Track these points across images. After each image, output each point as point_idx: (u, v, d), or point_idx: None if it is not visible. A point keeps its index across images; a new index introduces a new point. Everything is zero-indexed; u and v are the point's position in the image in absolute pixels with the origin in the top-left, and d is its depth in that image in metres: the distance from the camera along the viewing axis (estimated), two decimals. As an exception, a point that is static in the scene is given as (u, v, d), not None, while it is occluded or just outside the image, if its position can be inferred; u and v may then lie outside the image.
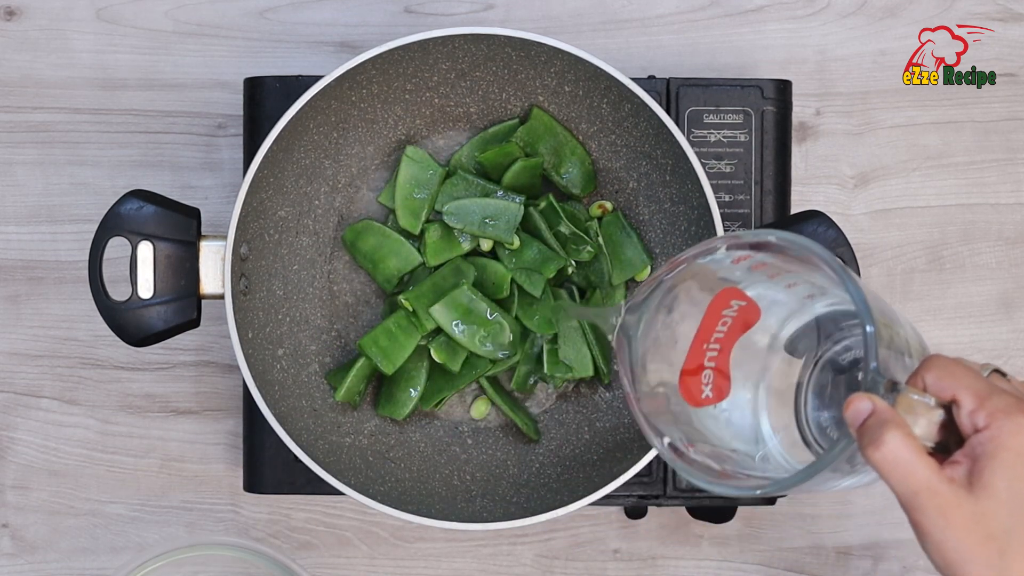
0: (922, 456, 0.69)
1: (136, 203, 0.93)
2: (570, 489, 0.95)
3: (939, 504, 0.69)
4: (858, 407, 0.70)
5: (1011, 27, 1.09)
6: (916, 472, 0.69)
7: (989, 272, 1.09)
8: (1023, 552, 0.70)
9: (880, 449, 0.69)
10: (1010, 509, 0.69)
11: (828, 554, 1.09)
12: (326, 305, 1.02)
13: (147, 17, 1.08)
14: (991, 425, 0.70)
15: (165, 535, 1.08)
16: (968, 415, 0.71)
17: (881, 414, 0.69)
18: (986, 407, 0.70)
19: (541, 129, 1.00)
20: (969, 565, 0.70)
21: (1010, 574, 0.70)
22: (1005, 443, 0.69)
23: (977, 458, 0.70)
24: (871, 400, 0.70)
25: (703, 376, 0.78)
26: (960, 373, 0.71)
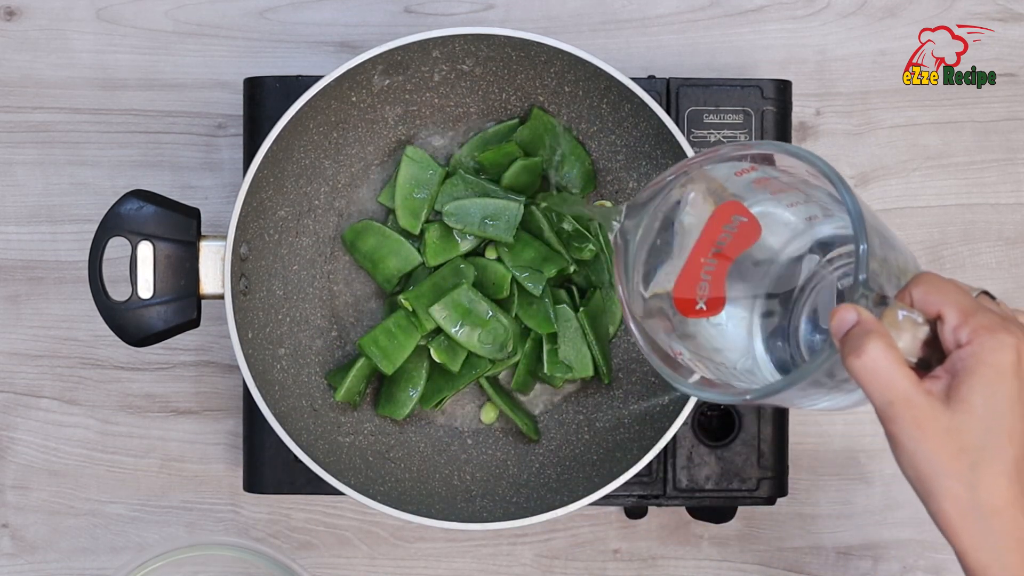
0: (902, 367, 0.70)
1: (136, 203, 0.93)
2: (570, 489, 0.95)
3: (914, 415, 0.70)
4: (843, 316, 0.70)
5: (1011, 27, 1.09)
6: (894, 382, 0.70)
7: (989, 272, 1.09)
8: (994, 466, 0.70)
9: (861, 357, 0.69)
10: (985, 424, 0.70)
11: (828, 554, 1.09)
12: (326, 305, 1.02)
13: (147, 17, 1.08)
14: (973, 341, 0.70)
15: (165, 535, 1.08)
16: (952, 331, 0.71)
17: (865, 324, 0.70)
18: (970, 323, 0.70)
19: (541, 129, 1.00)
20: (940, 477, 0.70)
21: (980, 487, 0.70)
22: (985, 359, 0.70)
23: (957, 373, 0.70)
24: (856, 311, 0.70)
25: (698, 288, 0.78)
26: (948, 289, 0.72)
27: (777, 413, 1.01)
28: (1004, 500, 0.70)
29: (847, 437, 1.09)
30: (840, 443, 1.09)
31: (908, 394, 0.70)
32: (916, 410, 0.70)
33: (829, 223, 0.77)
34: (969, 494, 0.70)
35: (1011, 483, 0.70)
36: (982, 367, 0.70)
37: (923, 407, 0.70)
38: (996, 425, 0.70)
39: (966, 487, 0.70)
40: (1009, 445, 0.70)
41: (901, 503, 1.08)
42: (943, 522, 0.71)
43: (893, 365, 0.69)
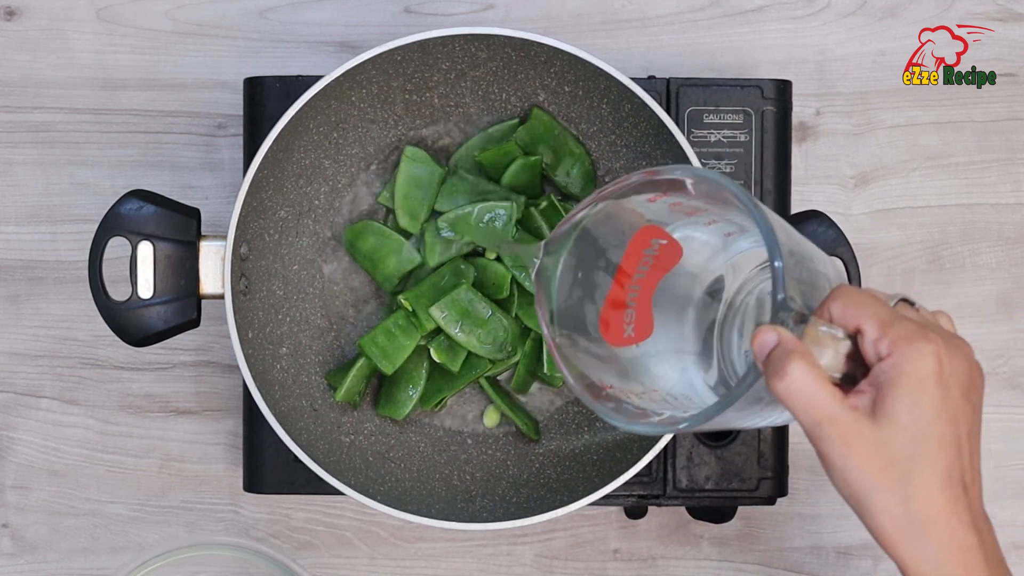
0: (825, 385, 0.69)
1: (136, 203, 0.93)
2: (570, 489, 0.95)
3: (841, 432, 0.70)
4: (763, 339, 0.70)
5: (1011, 27, 1.09)
6: (819, 401, 0.69)
7: (989, 272, 1.09)
8: (925, 476, 0.70)
9: (783, 379, 0.69)
10: (912, 435, 0.70)
11: (828, 554, 1.09)
12: (326, 305, 1.02)
13: (147, 17, 1.08)
14: (893, 352, 0.70)
15: (165, 535, 1.08)
16: (872, 343, 0.71)
17: (785, 344, 0.69)
18: (889, 335, 0.70)
19: (541, 129, 1.00)
20: (873, 492, 0.70)
21: (913, 498, 0.70)
22: (906, 370, 0.70)
23: (880, 386, 0.70)
24: (776, 331, 0.70)
25: (625, 315, 0.78)
26: (864, 302, 0.71)
27: (777, 413, 1.01)
28: (938, 508, 0.70)
29: (847, 437, 1.09)
30: (840, 443, 1.09)
31: (833, 412, 0.69)
32: (842, 427, 0.70)
33: (746, 238, 0.77)
34: (903, 506, 0.70)
35: (944, 491, 0.70)
36: (903, 378, 0.70)
37: (849, 423, 0.70)
38: (923, 435, 0.70)
39: (899, 499, 0.70)
40: (938, 453, 0.70)
41: (901, 503, 1.08)
42: (881, 536, 0.71)
43: (816, 384, 0.69)
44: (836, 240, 0.93)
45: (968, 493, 0.71)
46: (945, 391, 0.70)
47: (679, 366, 0.78)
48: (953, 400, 0.71)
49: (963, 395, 0.71)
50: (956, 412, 0.71)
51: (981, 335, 1.09)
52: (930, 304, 1.09)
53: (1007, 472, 1.09)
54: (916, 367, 0.70)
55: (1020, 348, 1.09)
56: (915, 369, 0.70)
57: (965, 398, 0.71)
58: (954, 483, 0.71)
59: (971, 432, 0.72)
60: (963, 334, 1.09)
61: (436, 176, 1.00)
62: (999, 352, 1.09)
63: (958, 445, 0.71)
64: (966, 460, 0.71)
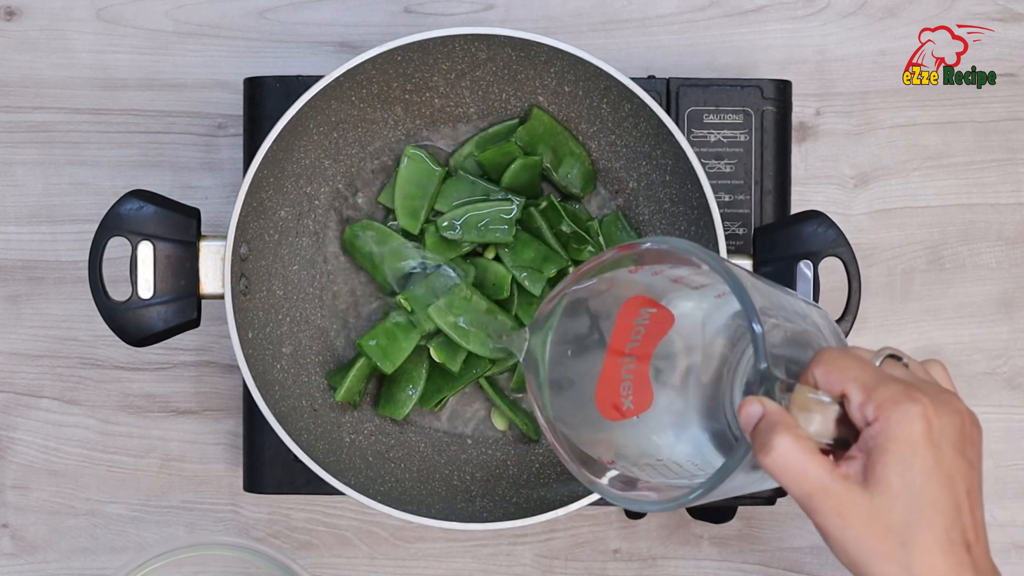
0: (813, 457, 0.68)
1: (136, 203, 0.93)
2: (570, 489, 0.95)
3: (834, 504, 0.69)
4: (748, 411, 0.69)
5: (1011, 27, 1.09)
6: (808, 474, 0.68)
7: (989, 272, 1.09)
8: (923, 542, 0.69)
9: (770, 454, 0.68)
10: (906, 501, 0.68)
11: (828, 554, 1.09)
12: (326, 305, 1.02)
13: (147, 17, 1.08)
14: (879, 417, 0.68)
15: (165, 535, 1.08)
16: (858, 408, 0.69)
17: (771, 417, 0.68)
18: (874, 399, 0.69)
19: (541, 129, 1.00)
20: (872, 562, 0.69)
21: (912, 566, 0.69)
22: (894, 434, 0.68)
23: (870, 452, 0.69)
24: (761, 403, 0.68)
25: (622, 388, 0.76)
26: (846, 365, 0.70)
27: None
28: (940, 573, 0.69)
29: (847, 437, 1.09)
30: (840, 443, 1.09)
31: (823, 483, 0.68)
32: (835, 498, 0.68)
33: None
34: (905, 574, 0.69)
35: (945, 554, 0.69)
36: (892, 443, 0.68)
37: (841, 494, 0.68)
38: (918, 500, 0.68)
39: (900, 568, 0.69)
40: (935, 517, 0.69)
41: (901, 503, 1.08)
42: None
43: (803, 456, 0.68)
44: (836, 240, 0.93)
45: (972, 553, 0.70)
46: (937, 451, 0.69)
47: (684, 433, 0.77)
48: (947, 459, 0.69)
49: (957, 452, 0.70)
50: (951, 471, 0.69)
51: (981, 335, 1.09)
52: (931, 304, 1.09)
53: (1007, 472, 1.09)
54: (904, 430, 0.68)
55: (1020, 348, 1.09)
56: (903, 433, 0.68)
57: (960, 455, 0.70)
58: (955, 545, 0.69)
59: (970, 489, 0.70)
60: (963, 334, 1.09)
61: (436, 176, 1.00)
62: (999, 352, 1.09)
63: (956, 505, 0.69)
64: (967, 518, 0.70)
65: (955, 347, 1.09)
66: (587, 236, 1.00)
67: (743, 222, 1.00)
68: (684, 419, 0.77)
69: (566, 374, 0.79)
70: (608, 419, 0.77)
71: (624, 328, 0.76)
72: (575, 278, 0.77)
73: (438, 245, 1.00)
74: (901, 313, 1.09)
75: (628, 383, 0.76)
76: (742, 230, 1.00)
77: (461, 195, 1.00)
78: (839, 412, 0.70)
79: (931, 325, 1.09)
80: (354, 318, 1.02)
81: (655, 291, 0.76)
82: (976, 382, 1.09)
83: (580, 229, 0.99)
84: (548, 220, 1.00)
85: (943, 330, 1.09)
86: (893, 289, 1.09)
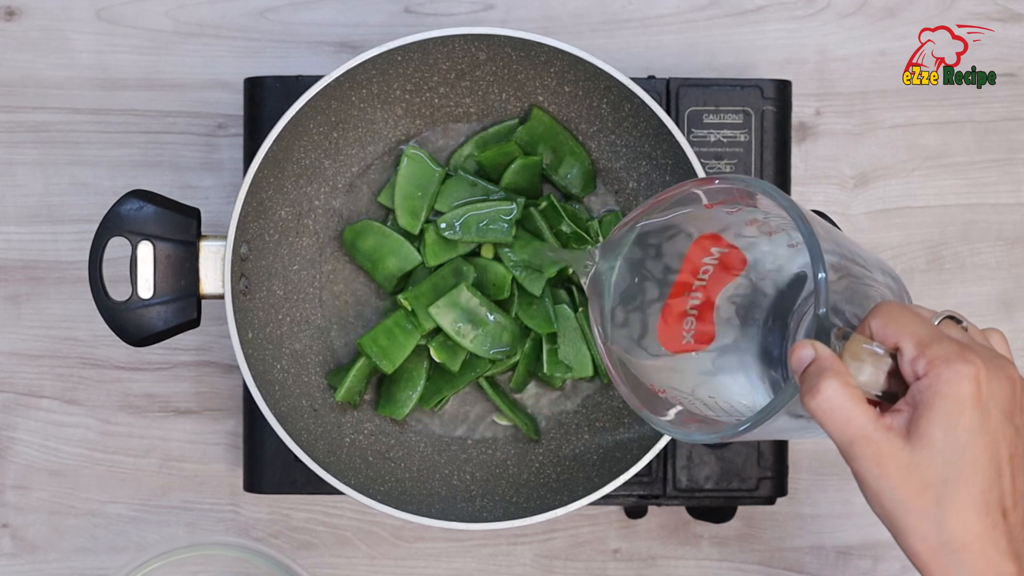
0: (859, 404, 0.68)
1: (136, 203, 0.93)
2: (570, 489, 0.95)
3: (874, 453, 0.69)
4: (800, 355, 0.69)
5: (1011, 27, 1.09)
6: (852, 420, 0.68)
7: (989, 272, 1.09)
8: (959, 501, 0.69)
9: (816, 397, 0.68)
10: (946, 458, 0.68)
11: (828, 554, 1.09)
12: (326, 305, 1.02)
13: (147, 17, 1.08)
14: (929, 373, 0.69)
15: (165, 535, 1.08)
16: (909, 363, 0.69)
17: (821, 362, 0.69)
18: (926, 354, 0.69)
19: (541, 129, 1.00)
20: (906, 515, 0.69)
21: (946, 523, 0.69)
22: (942, 391, 0.68)
23: (916, 406, 0.69)
24: (814, 347, 0.69)
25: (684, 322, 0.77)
26: (905, 320, 0.70)
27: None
28: (973, 534, 0.69)
29: (847, 437, 1.09)
30: (840, 443, 1.09)
31: (866, 432, 0.69)
32: (875, 447, 0.69)
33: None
34: (936, 530, 0.69)
35: (979, 516, 0.69)
36: (939, 400, 0.68)
37: (882, 444, 0.69)
38: (958, 459, 0.69)
39: (933, 524, 0.69)
40: (974, 477, 0.69)
41: (901, 503, 1.08)
42: (914, 559, 0.70)
43: (849, 403, 0.68)
44: (836, 240, 0.93)
45: (1008, 519, 0.70)
46: (983, 414, 0.69)
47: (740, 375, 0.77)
48: (992, 422, 0.69)
49: (1004, 417, 0.69)
50: (996, 435, 0.69)
51: (981, 335, 1.09)
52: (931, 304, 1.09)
53: (1007, 472, 1.09)
54: (952, 389, 0.68)
55: (1020, 348, 1.09)
56: (951, 391, 0.68)
57: (1007, 420, 0.70)
58: (992, 508, 0.69)
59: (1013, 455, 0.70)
60: (963, 334, 1.09)
61: (436, 176, 1.00)
62: (999, 352, 1.09)
63: (997, 469, 0.69)
64: (1007, 484, 0.70)
65: (955, 347, 1.09)
66: (587, 236, 1.00)
67: (743, 222, 1.00)
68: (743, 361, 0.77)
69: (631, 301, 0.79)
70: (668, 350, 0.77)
71: (694, 263, 0.77)
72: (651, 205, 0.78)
73: (438, 245, 1.00)
74: (901, 313, 1.09)
75: (692, 318, 0.77)
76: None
77: (461, 195, 1.00)
78: (891, 365, 0.70)
79: (931, 325, 1.09)
80: (354, 318, 1.02)
81: (729, 231, 0.77)
82: (976, 382, 1.09)
83: (580, 229, 0.99)
84: (548, 220, 1.00)
85: (943, 330, 1.09)
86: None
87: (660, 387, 0.78)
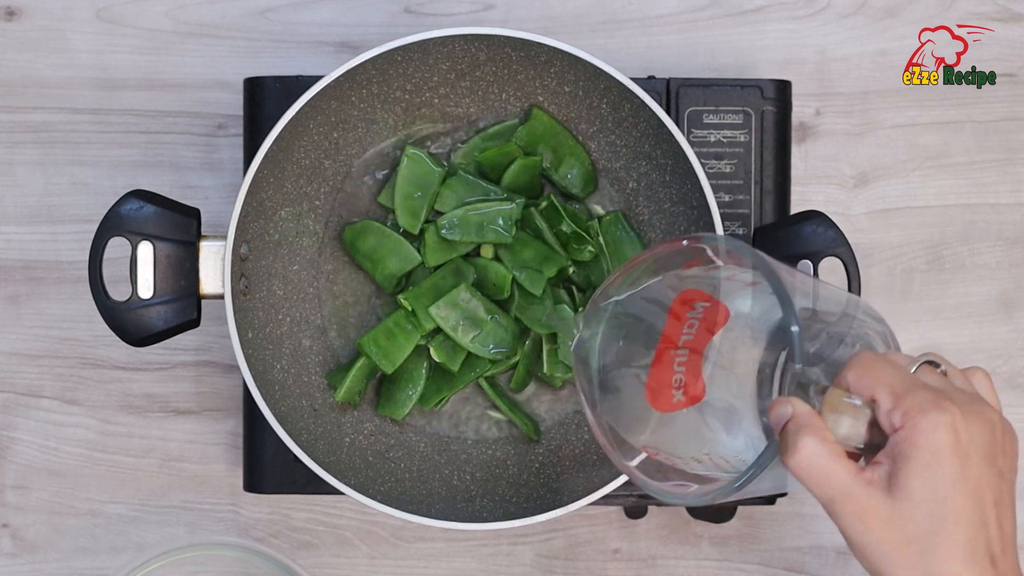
0: (837, 460, 0.68)
1: (136, 203, 0.93)
2: (570, 489, 0.95)
3: (855, 508, 0.68)
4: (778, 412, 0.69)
5: (1011, 27, 1.09)
6: (831, 477, 0.68)
7: (989, 272, 1.09)
8: (944, 552, 0.68)
9: (795, 456, 0.68)
10: (928, 509, 0.68)
11: (828, 554, 1.09)
12: (326, 305, 1.02)
13: (147, 17, 1.08)
14: (905, 424, 0.68)
15: (165, 535, 1.08)
16: (886, 415, 0.69)
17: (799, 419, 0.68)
18: (902, 405, 0.69)
19: (541, 129, 1.00)
20: (892, 568, 0.69)
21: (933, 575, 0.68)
22: (918, 442, 0.68)
23: (895, 458, 0.69)
24: (791, 404, 0.69)
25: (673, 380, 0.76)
26: (880, 371, 0.70)
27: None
28: None
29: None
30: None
31: (846, 487, 0.68)
32: (857, 503, 0.68)
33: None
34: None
35: (967, 565, 0.68)
36: (916, 451, 0.68)
37: (864, 499, 0.68)
38: (939, 510, 0.68)
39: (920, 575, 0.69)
40: (957, 527, 0.68)
41: (901, 503, 1.08)
42: None
43: (828, 460, 0.68)
44: (836, 240, 0.93)
45: (997, 566, 0.69)
46: (963, 461, 0.68)
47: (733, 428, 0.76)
48: (973, 469, 0.68)
49: (986, 462, 0.69)
50: (978, 482, 0.69)
51: (981, 335, 1.09)
52: (931, 304, 1.09)
53: (1007, 472, 1.09)
54: (929, 439, 0.68)
55: (1020, 348, 1.09)
56: (927, 442, 0.68)
57: (988, 465, 0.69)
58: (979, 556, 0.68)
59: (998, 500, 0.69)
60: (963, 334, 1.09)
61: (436, 176, 1.00)
62: (999, 352, 1.09)
63: (982, 516, 0.69)
64: (993, 530, 0.69)
65: (955, 347, 1.09)
66: (587, 236, 1.00)
67: (743, 222, 1.00)
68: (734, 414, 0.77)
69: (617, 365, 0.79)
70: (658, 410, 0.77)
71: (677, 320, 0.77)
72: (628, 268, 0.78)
73: (438, 245, 1.00)
74: (901, 313, 1.09)
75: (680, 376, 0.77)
76: (742, 230, 1.00)
77: (461, 195, 1.00)
78: (870, 416, 0.70)
79: (931, 325, 1.09)
80: (354, 318, 1.02)
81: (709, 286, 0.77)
82: (976, 382, 1.09)
83: (580, 229, 0.99)
84: (548, 220, 1.00)
85: (943, 330, 1.09)
86: (893, 289, 1.09)
87: (653, 448, 0.77)
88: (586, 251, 1.00)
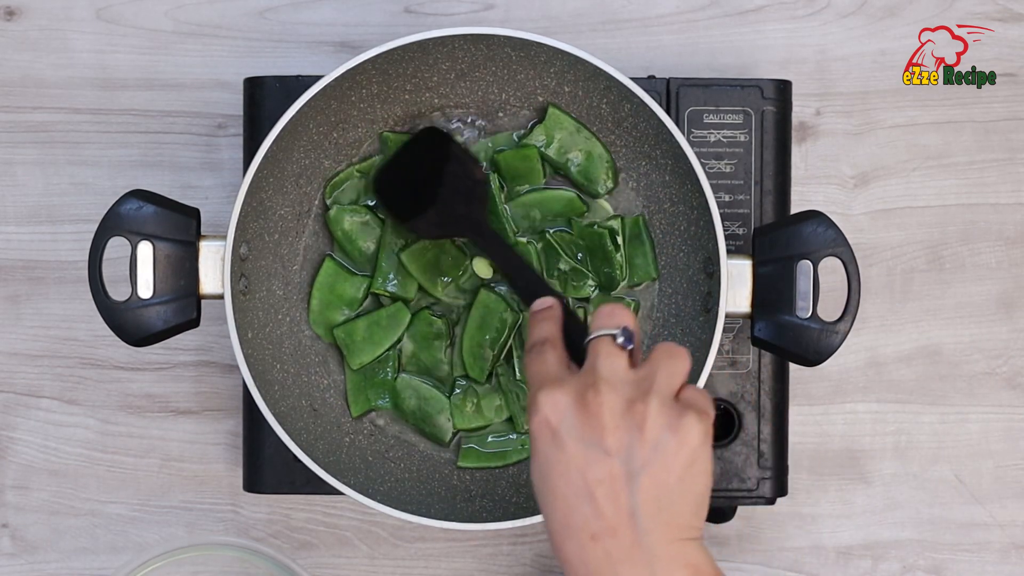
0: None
1: (136, 203, 0.93)
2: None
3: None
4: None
5: (1011, 27, 1.09)
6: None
7: (989, 272, 1.09)
8: (551, 528, 0.74)
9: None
10: (538, 489, 0.75)
11: (828, 554, 1.09)
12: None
13: (147, 17, 1.08)
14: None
15: (165, 535, 1.08)
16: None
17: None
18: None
19: (559, 128, 1.00)
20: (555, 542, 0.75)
21: (554, 547, 0.74)
22: (531, 431, 0.75)
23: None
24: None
25: None
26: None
27: (777, 413, 1.01)
28: (573, 558, 0.73)
29: (847, 437, 1.09)
30: (840, 443, 1.09)
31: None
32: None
33: None
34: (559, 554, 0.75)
35: (567, 541, 0.74)
36: (531, 439, 0.76)
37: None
38: (542, 488, 0.76)
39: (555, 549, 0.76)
40: (554, 505, 0.74)
41: (901, 503, 1.08)
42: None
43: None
44: (836, 240, 0.93)
45: (601, 542, 0.72)
46: (557, 445, 0.73)
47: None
48: (568, 452, 0.73)
49: (584, 443, 0.73)
50: (574, 463, 0.73)
51: (981, 335, 1.09)
52: (931, 304, 1.09)
53: (1007, 472, 1.09)
54: (532, 428, 0.74)
55: (1020, 348, 1.09)
56: (531, 430, 0.74)
57: (591, 446, 0.73)
58: (574, 533, 0.72)
59: (606, 478, 0.72)
60: (963, 334, 1.09)
61: (436, 176, 1.00)
62: (999, 352, 1.09)
63: (579, 495, 0.73)
64: (591, 509, 0.73)
65: (955, 347, 1.09)
66: (586, 272, 0.99)
67: (743, 222, 1.00)
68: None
69: None
70: None
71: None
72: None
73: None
74: (901, 313, 1.09)
75: None
76: (742, 230, 1.00)
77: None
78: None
79: (931, 325, 1.09)
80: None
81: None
82: (976, 382, 1.09)
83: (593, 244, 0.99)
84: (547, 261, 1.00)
85: (943, 330, 1.09)
86: (893, 289, 1.09)
87: None
88: (585, 286, 1.00)
